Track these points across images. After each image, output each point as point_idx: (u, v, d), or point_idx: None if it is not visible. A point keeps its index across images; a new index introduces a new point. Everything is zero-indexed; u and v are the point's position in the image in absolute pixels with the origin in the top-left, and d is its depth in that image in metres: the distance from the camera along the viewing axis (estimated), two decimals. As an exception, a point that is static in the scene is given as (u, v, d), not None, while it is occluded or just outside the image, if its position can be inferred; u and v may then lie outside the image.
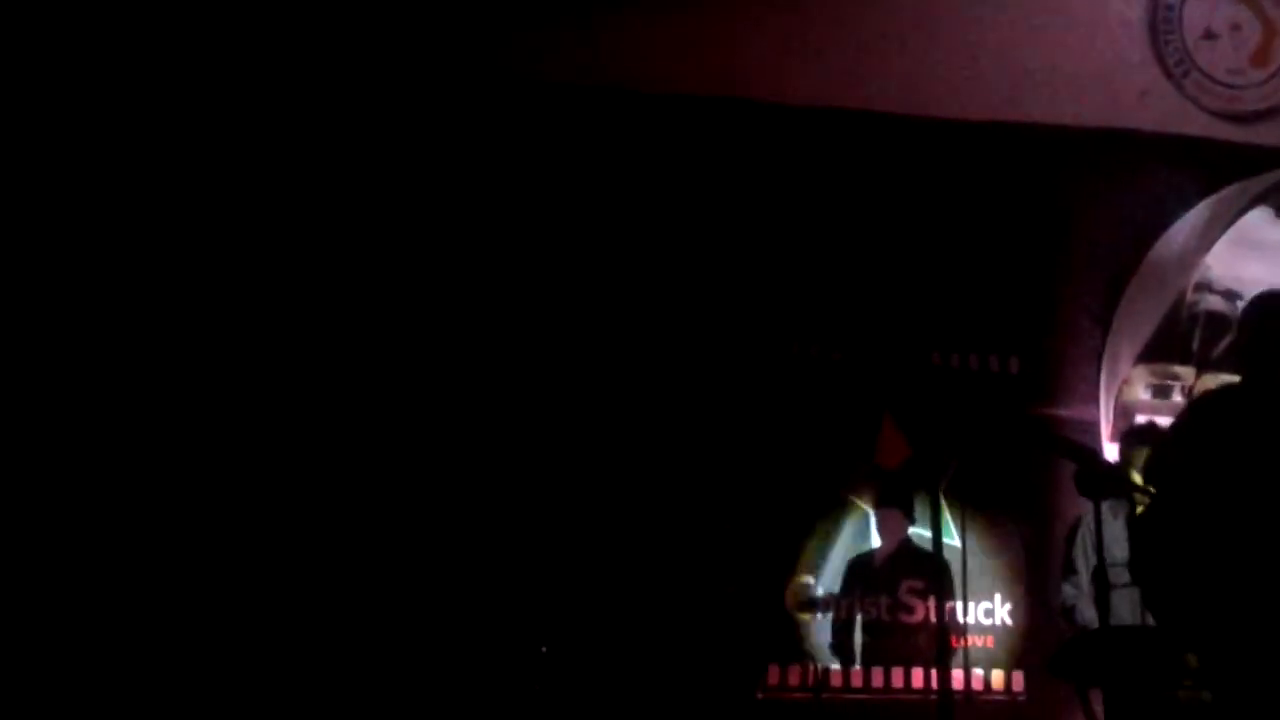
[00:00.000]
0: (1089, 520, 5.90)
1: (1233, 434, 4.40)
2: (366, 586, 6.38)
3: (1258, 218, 7.92)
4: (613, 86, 7.23)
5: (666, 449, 6.91)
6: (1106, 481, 4.81)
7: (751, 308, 7.20)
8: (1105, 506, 5.78)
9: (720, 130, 7.27)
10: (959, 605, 6.59)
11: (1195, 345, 7.74)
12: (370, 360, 6.75)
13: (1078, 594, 6.10)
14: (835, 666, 7.04)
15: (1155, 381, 7.69)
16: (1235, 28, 7.97)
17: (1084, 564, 6.05)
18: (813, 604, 7.11)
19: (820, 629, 7.14)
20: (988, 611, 7.23)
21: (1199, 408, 4.93)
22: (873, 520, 7.23)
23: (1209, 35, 7.91)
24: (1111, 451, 7.00)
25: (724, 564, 6.88)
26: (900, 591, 7.09)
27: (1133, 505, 5.89)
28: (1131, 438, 6.29)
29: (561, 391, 6.88)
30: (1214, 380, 7.34)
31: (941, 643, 4.85)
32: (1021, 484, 7.14)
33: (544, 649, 6.23)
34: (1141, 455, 5.67)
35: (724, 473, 6.97)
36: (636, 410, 6.92)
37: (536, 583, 6.57)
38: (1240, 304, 7.64)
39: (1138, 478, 5.62)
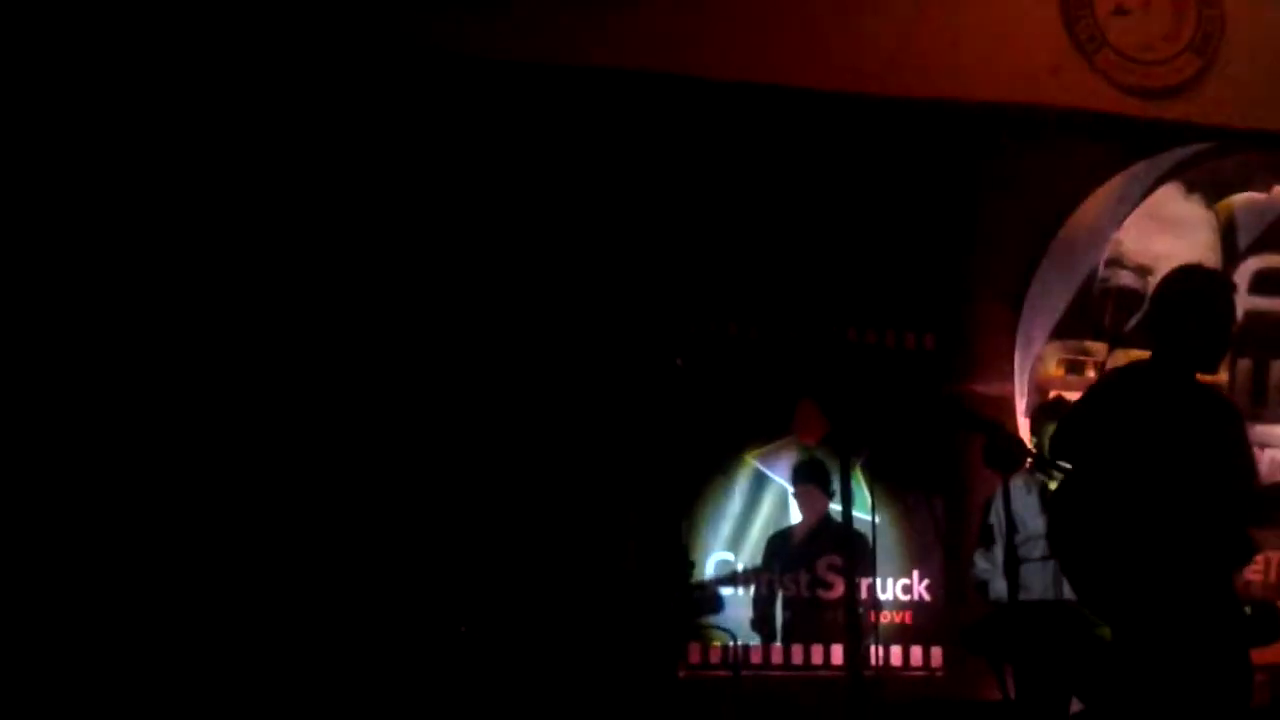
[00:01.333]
0: (999, 494, 5.96)
1: (1142, 407, 4.44)
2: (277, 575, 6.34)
3: (1168, 193, 8.00)
4: (535, 62, 7.16)
5: (586, 427, 6.88)
6: (1013, 455, 4.85)
7: (669, 285, 7.17)
8: (1019, 481, 5.85)
9: (633, 105, 7.22)
10: (875, 581, 6.62)
11: (1107, 321, 7.81)
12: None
13: (991, 569, 6.15)
14: (755, 643, 7.06)
15: (1068, 357, 7.75)
16: (1146, 3, 8.02)
17: (998, 537, 6.10)
18: (732, 579, 7.11)
19: (739, 605, 7.15)
20: (905, 587, 7.28)
21: (1105, 383, 4.97)
22: (791, 497, 7.24)
23: (1120, 10, 7.96)
24: (1025, 427, 7.07)
25: (642, 540, 6.88)
26: (819, 568, 7.12)
27: (1045, 479, 5.96)
28: (1041, 413, 6.35)
29: (475, 365, 6.83)
30: (1125, 356, 7.41)
31: (851, 619, 4.87)
32: (937, 459, 7.18)
33: (463, 629, 6.20)
34: (1050, 430, 5.72)
35: (643, 450, 6.95)
36: (556, 387, 6.88)
37: (454, 562, 6.53)
38: (1151, 279, 7.72)
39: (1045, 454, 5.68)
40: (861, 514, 5.65)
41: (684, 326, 7.15)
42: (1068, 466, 4.52)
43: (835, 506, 7.14)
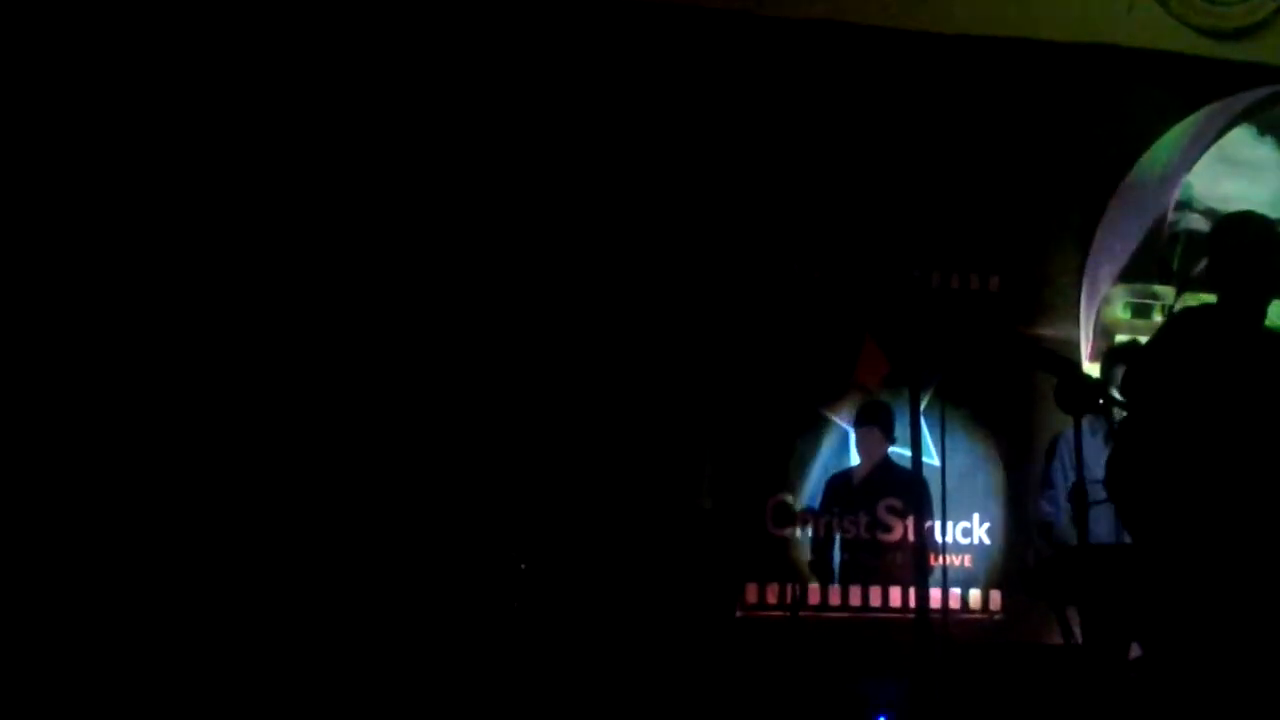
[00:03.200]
0: (1069, 436, 5.90)
1: (1207, 352, 4.41)
2: (339, 504, 6.36)
3: (1240, 136, 7.88)
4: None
5: (646, 365, 6.88)
6: (1087, 396, 4.81)
7: (733, 225, 7.14)
8: (1085, 423, 5.80)
9: (702, 45, 7.16)
10: (937, 524, 6.60)
11: (1175, 264, 7.72)
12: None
13: (1055, 511, 6.11)
14: (814, 584, 7.07)
15: (1135, 300, 7.67)
16: (1221, -56, 7.87)
17: (1062, 480, 6.05)
18: (791, 520, 7.12)
19: (799, 547, 7.15)
20: (965, 530, 7.25)
21: (1175, 326, 4.93)
22: (852, 438, 7.22)
23: (1194, -49, 7.82)
24: (1092, 370, 7.00)
25: (702, 480, 6.88)
26: (879, 510, 7.11)
27: (1111, 422, 5.90)
28: (1112, 356, 6.28)
29: (538, 303, 6.83)
30: (1194, 299, 7.31)
31: (919, 561, 4.83)
32: (1000, 402, 7.14)
33: (522, 566, 6.22)
34: (1120, 373, 5.66)
35: (704, 389, 6.94)
36: (615, 324, 6.87)
37: (513, 498, 6.55)
38: (1222, 223, 7.63)
39: (1117, 395, 5.62)
40: (924, 457, 5.62)
41: (749, 267, 7.13)
42: (1134, 408, 4.49)
43: (895, 449, 7.14)
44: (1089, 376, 5.94)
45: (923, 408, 6.06)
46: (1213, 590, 4.37)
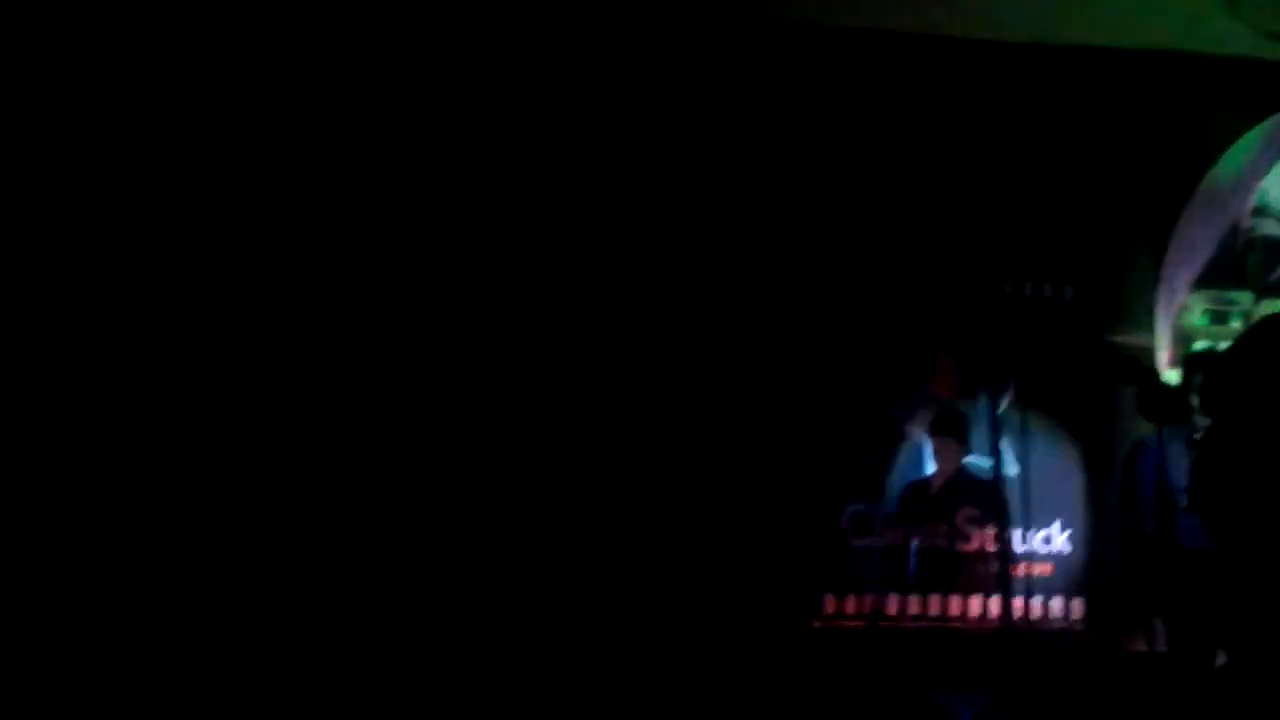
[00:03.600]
0: (1149, 444, 5.90)
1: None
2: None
3: (1313, 140, 7.83)
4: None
5: (725, 375, 6.91)
6: (1169, 405, 4.81)
7: (811, 231, 7.16)
8: (1170, 431, 5.79)
9: (768, 51, 7.20)
10: (1016, 533, 6.59)
11: (1252, 270, 7.68)
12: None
13: (1138, 519, 6.09)
14: (891, 596, 7.08)
15: (1213, 307, 7.63)
16: (1289, -53, 7.82)
17: (1144, 489, 6.04)
18: (868, 531, 7.13)
19: (876, 558, 7.16)
20: (1046, 539, 7.24)
21: (1258, 331, 4.90)
22: (928, 448, 7.22)
23: (1263, -45, 7.78)
24: (1171, 377, 6.97)
25: (780, 492, 6.91)
26: (958, 519, 7.10)
27: (1192, 430, 5.88)
28: (1192, 363, 6.26)
29: (614, 312, 6.88)
30: (1272, 306, 7.29)
31: (1003, 570, 4.85)
32: (1080, 409, 7.12)
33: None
34: (1199, 380, 5.65)
35: (781, 401, 6.97)
36: (693, 333, 6.91)
37: (585, 510, 6.59)
38: (1298, 228, 7.59)
39: (1196, 403, 5.61)
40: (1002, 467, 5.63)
41: (827, 276, 7.16)
42: (1215, 417, 4.48)
43: (971, 459, 7.14)
44: (1169, 384, 5.93)
45: (1000, 415, 6.10)
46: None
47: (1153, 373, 4.78)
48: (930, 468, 7.23)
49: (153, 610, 6.09)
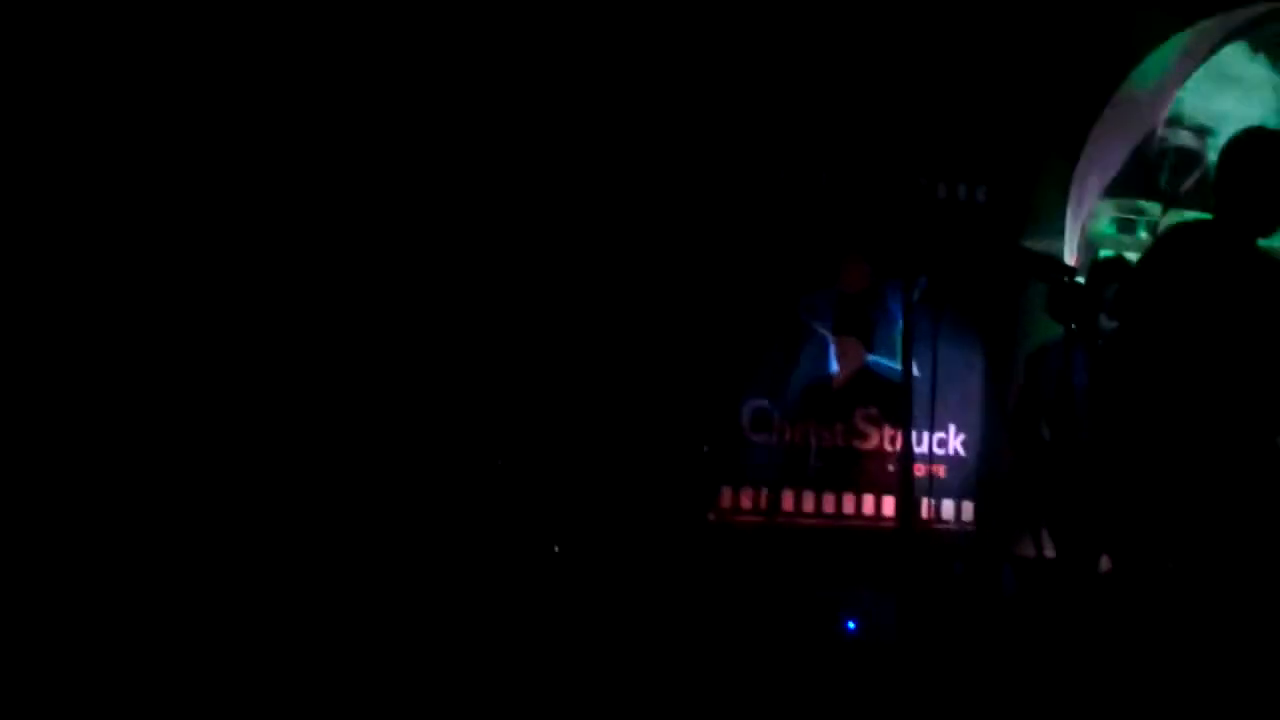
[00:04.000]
0: (1056, 345, 5.88)
1: (1201, 268, 4.39)
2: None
3: (1233, 52, 7.79)
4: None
5: (626, 267, 6.82)
6: (1079, 305, 4.77)
7: (722, 125, 7.05)
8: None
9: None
10: (915, 434, 6.59)
11: (1164, 180, 7.69)
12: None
13: (1038, 422, 6.10)
14: (787, 491, 7.08)
15: (1121, 216, 7.66)
16: None
17: (1044, 392, 6.04)
18: (768, 427, 7.11)
19: (774, 453, 7.15)
20: (940, 441, 7.26)
21: (1170, 240, 4.89)
22: (831, 346, 7.19)
23: None
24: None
25: (680, 384, 6.85)
26: (856, 418, 7.11)
27: (1097, 336, 5.88)
28: (1098, 270, 6.24)
29: (519, 205, 6.76)
30: (1179, 217, 7.30)
31: (900, 471, 4.83)
32: (988, 313, 7.12)
33: (500, 461, 6.21)
34: (1107, 289, 5.63)
35: (683, 293, 6.89)
36: (596, 227, 6.80)
37: (491, 398, 6.52)
38: (1211, 140, 7.58)
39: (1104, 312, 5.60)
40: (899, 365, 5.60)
41: (729, 171, 7.06)
42: (1125, 321, 4.47)
43: (873, 357, 7.13)
44: (1082, 286, 5.91)
45: (907, 315, 6.05)
46: (1183, 504, 4.38)
47: (1069, 269, 4.73)
48: (833, 365, 7.21)
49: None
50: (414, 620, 5.59)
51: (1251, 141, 4.55)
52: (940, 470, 7.28)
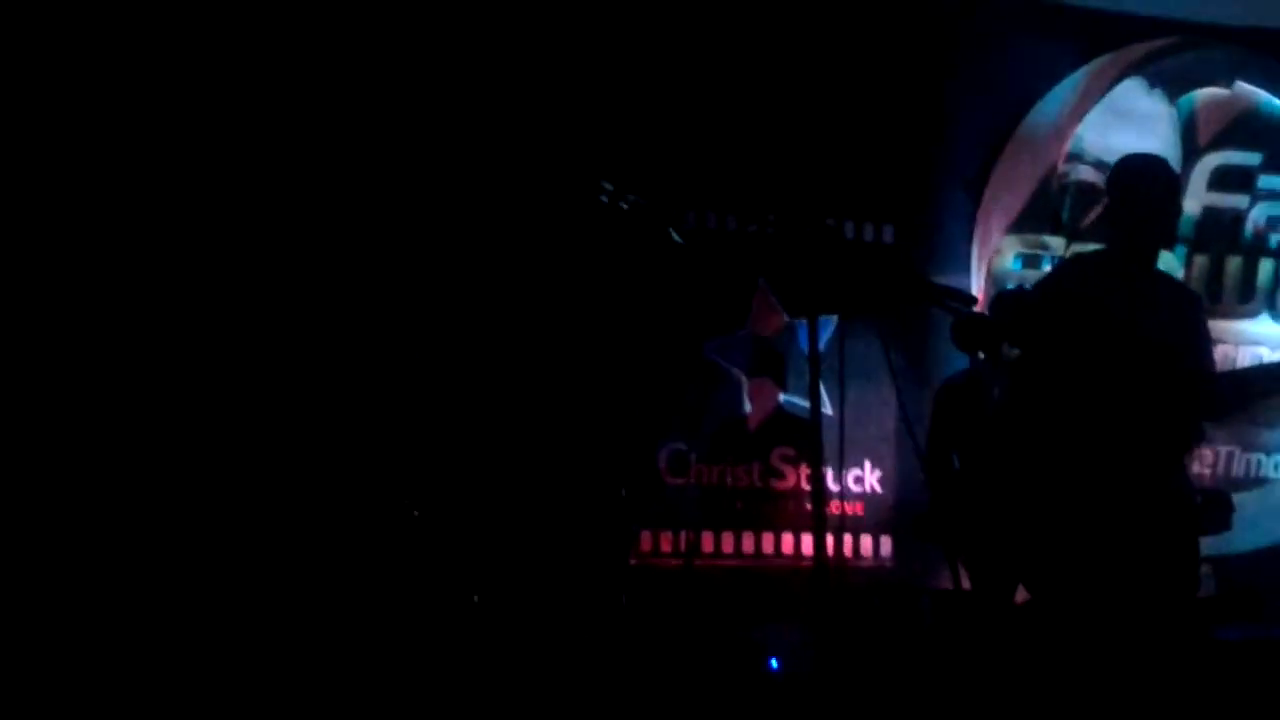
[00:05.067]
0: (961, 379, 5.95)
1: (1098, 292, 4.46)
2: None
3: (1130, 88, 7.95)
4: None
5: (537, 311, 6.82)
6: (983, 333, 4.82)
7: (632, 164, 7.06)
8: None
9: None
10: (829, 472, 6.63)
11: (1066, 215, 7.81)
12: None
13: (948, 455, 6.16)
14: (707, 532, 7.09)
15: (1026, 251, 7.76)
16: (1106, -105, 7.93)
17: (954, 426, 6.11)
18: (685, 470, 7.13)
19: (692, 496, 7.16)
20: (857, 479, 7.31)
21: (1065, 268, 4.98)
22: (745, 387, 7.23)
23: (1080, -96, 7.87)
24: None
25: (595, 429, 6.85)
26: (773, 458, 7.14)
27: (1001, 365, 5.95)
28: (1000, 302, 6.31)
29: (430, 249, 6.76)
30: (1083, 250, 7.41)
31: (816, 509, 4.85)
32: (896, 349, 7.15)
33: (415, 513, 6.17)
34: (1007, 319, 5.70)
35: (596, 337, 6.90)
36: (507, 270, 6.80)
37: (401, 442, 6.48)
38: (1110, 174, 7.72)
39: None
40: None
41: (653, 214, 7.07)
42: (1023, 347, 4.53)
43: (786, 397, 7.17)
44: (986, 316, 5.99)
45: (818, 354, 6.10)
46: (1095, 534, 4.43)
47: (971, 299, 4.78)
48: (747, 406, 7.25)
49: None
50: (330, 675, 5.55)
51: (1136, 166, 4.66)
52: (858, 507, 7.32)
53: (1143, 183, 4.52)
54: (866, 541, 7.25)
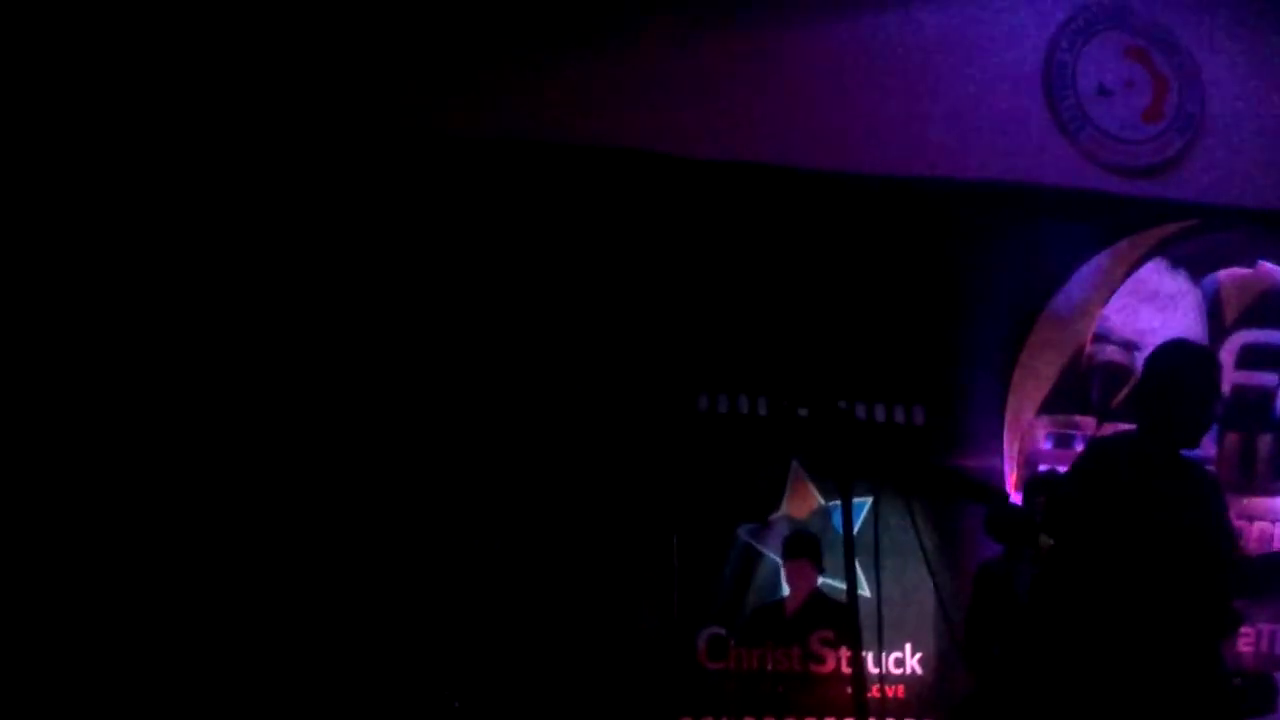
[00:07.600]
0: (997, 565, 5.97)
1: (1124, 482, 4.46)
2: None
3: (1154, 269, 8.09)
4: (512, 138, 7.22)
5: (576, 502, 6.89)
6: (1016, 526, 4.85)
7: (661, 361, 7.21)
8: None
9: (624, 183, 7.30)
10: (870, 655, 6.61)
11: (1095, 395, 7.87)
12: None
13: (987, 639, 6.15)
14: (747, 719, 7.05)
15: (1057, 431, 7.80)
16: (1129, 84, 8.14)
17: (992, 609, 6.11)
18: (724, 654, 7.12)
19: (731, 680, 7.14)
20: (898, 661, 7.28)
21: (1092, 453, 5.00)
22: (782, 571, 7.25)
23: (1103, 92, 8.08)
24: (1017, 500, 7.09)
25: (635, 615, 6.88)
26: (812, 642, 7.12)
27: (1038, 551, 5.97)
28: (1033, 486, 6.38)
29: (473, 439, 6.86)
30: (1113, 430, 7.45)
31: (857, 693, 4.85)
32: (932, 531, 7.19)
33: (456, 704, 6.18)
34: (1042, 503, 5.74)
35: (634, 526, 6.96)
36: (546, 462, 6.90)
37: (447, 633, 6.51)
38: (1138, 354, 7.80)
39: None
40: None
41: (676, 402, 7.20)
42: (1057, 536, 4.54)
43: (824, 579, 7.17)
44: (1019, 507, 6.02)
45: (854, 537, 6.13)
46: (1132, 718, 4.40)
47: (1001, 494, 4.83)
48: (785, 590, 7.26)
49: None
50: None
51: (1171, 354, 4.68)
52: (899, 690, 7.28)
53: (1184, 373, 4.49)
54: (910, 725, 7.19)
